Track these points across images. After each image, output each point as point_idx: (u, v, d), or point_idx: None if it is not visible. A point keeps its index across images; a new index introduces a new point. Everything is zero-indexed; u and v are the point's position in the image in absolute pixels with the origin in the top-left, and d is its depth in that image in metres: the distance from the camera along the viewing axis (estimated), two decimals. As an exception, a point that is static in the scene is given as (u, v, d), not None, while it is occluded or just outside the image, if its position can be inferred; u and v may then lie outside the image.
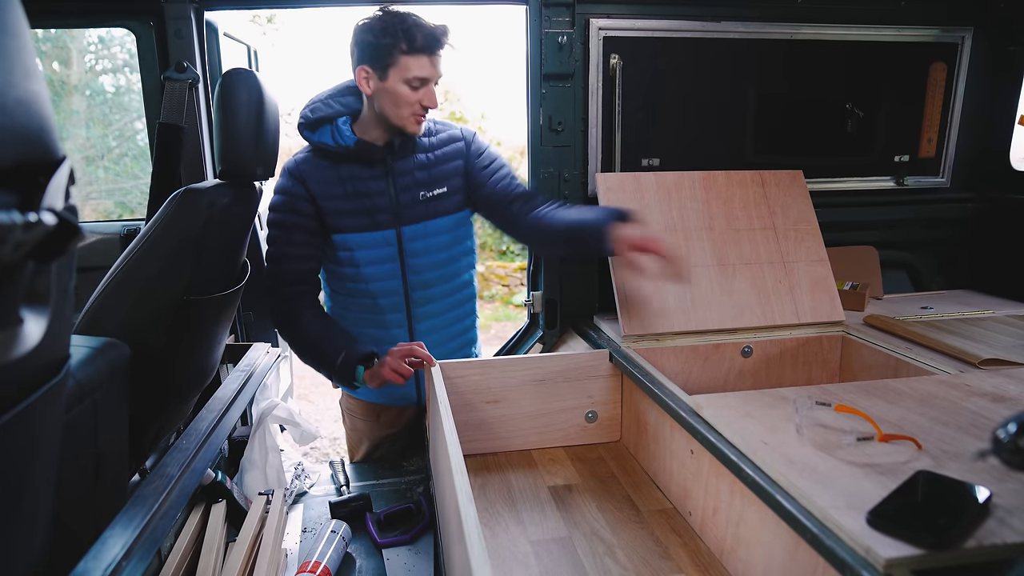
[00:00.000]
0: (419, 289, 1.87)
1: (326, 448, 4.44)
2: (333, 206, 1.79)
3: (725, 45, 2.12)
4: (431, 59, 1.66)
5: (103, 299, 1.51)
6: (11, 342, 0.56)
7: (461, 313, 1.99)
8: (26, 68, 0.57)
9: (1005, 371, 1.47)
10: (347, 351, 1.68)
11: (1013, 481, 0.96)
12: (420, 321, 1.91)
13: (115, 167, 7.58)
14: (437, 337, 1.92)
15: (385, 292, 1.86)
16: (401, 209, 1.81)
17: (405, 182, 1.81)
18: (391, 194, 1.80)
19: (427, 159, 1.84)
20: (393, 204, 1.81)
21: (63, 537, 1.18)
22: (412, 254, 1.84)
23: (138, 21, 2.08)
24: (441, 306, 1.93)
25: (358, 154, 1.77)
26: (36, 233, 0.51)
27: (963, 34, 2.25)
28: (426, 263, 1.86)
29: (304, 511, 1.73)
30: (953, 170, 2.38)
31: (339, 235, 1.81)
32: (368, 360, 1.68)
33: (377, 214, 1.80)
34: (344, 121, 1.78)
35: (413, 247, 1.84)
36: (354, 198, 1.79)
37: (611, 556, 1.29)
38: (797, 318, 1.90)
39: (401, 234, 1.82)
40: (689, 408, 1.36)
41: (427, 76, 1.67)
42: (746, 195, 2.01)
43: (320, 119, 1.79)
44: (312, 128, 1.80)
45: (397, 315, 1.88)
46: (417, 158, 1.83)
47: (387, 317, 1.88)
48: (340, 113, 1.80)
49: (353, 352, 1.67)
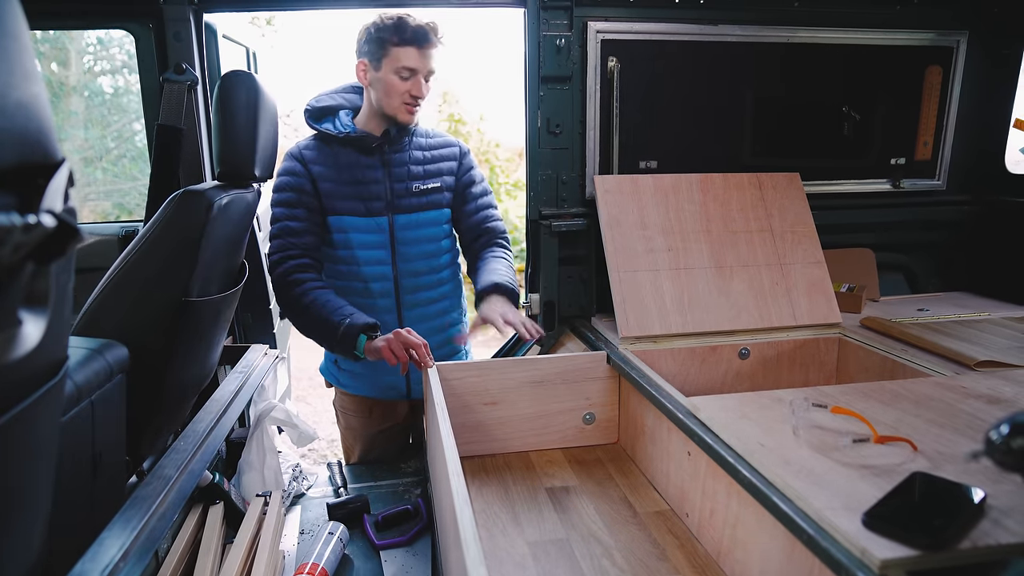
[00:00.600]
0: (408, 277, 1.95)
1: (324, 450, 4.43)
2: (330, 188, 1.89)
3: (722, 48, 2.13)
4: (419, 51, 1.79)
5: (101, 300, 1.51)
6: (10, 344, 0.56)
7: (448, 305, 2.06)
8: (25, 70, 0.57)
9: (1000, 373, 1.48)
10: (351, 319, 1.73)
11: (1007, 482, 0.96)
12: (409, 308, 1.97)
13: (113, 168, 7.57)
14: (426, 326, 1.95)
15: (376, 277, 1.93)
16: (395, 198, 1.91)
17: (400, 173, 1.92)
18: (386, 183, 1.91)
19: (423, 156, 1.96)
20: (388, 193, 1.91)
21: (61, 538, 1.18)
22: (403, 242, 1.93)
23: (137, 23, 2.08)
24: (431, 295, 2.00)
25: (356, 141, 1.89)
26: (35, 235, 0.51)
27: (958, 38, 2.26)
28: (416, 252, 1.95)
29: (302, 513, 1.73)
30: (949, 173, 2.38)
31: (335, 217, 1.90)
32: (371, 330, 1.73)
33: (372, 201, 1.90)
34: (346, 113, 1.94)
35: (404, 235, 1.93)
36: (351, 184, 1.89)
37: (608, 558, 1.29)
38: (794, 320, 1.91)
39: (394, 222, 1.91)
40: (686, 410, 1.36)
41: (415, 67, 1.80)
42: (743, 197, 2.02)
43: (325, 108, 1.95)
44: (317, 117, 1.95)
45: (387, 300, 1.95)
46: (413, 153, 1.95)
47: (378, 302, 1.95)
48: (343, 106, 1.96)
49: (356, 321, 1.73)
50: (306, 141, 1.94)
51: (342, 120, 1.91)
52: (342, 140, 1.89)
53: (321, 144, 1.92)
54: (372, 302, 1.94)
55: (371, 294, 1.94)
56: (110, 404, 1.36)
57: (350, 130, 1.88)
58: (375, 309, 1.94)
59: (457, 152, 2.02)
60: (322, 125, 1.91)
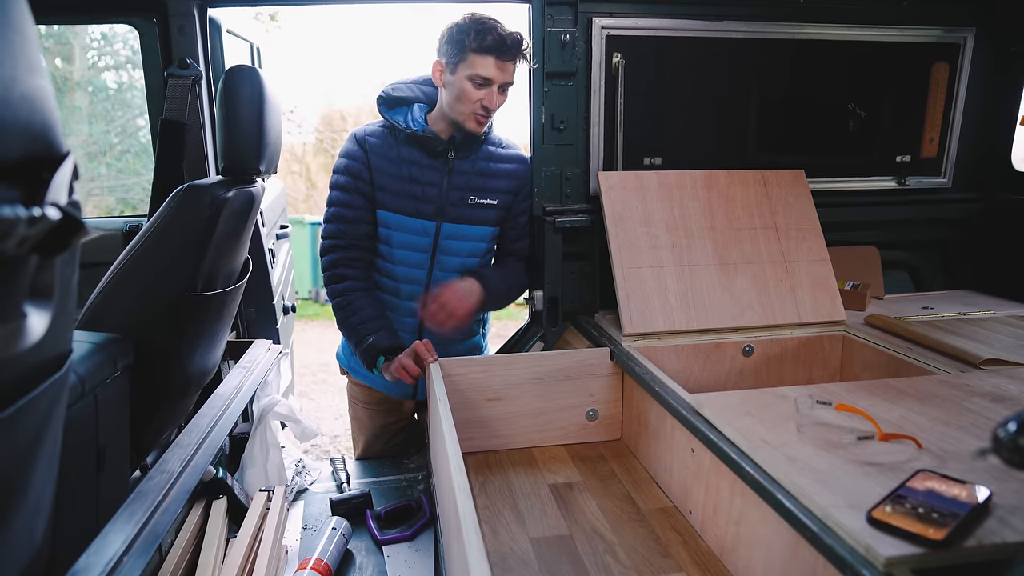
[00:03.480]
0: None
1: (327, 445, 4.44)
2: (384, 182, 1.86)
3: (728, 44, 2.12)
4: (497, 62, 1.71)
5: (105, 295, 1.51)
6: (15, 336, 0.57)
7: (473, 318, 2.01)
8: (31, 64, 0.57)
9: (1006, 371, 1.47)
10: (376, 337, 1.74)
11: (1013, 480, 0.96)
12: None
13: (117, 163, 7.59)
14: (445, 337, 1.94)
15: (409, 279, 1.91)
16: (447, 206, 1.87)
17: (459, 182, 1.88)
18: (442, 188, 1.87)
19: (488, 167, 1.91)
20: (441, 198, 1.87)
21: (64, 532, 1.18)
22: (444, 251, 1.90)
23: (142, 18, 2.08)
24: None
25: (422, 141, 1.84)
26: (40, 228, 0.51)
27: (965, 35, 2.25)
28: (455, 263, 1.91)
29: (305, 508, 1.74)
30: (955, 170, 2.37)
31: (382, 211, 1.88)
32: (392, 352, 1.73)
33: (423, 203, 1.86)
34: (421, 108, 1.88)
35: (448, 245, 1.89)
36: (406, 181, 1.85)
37: (611, 554, 1.29)
38: (798, 317, 1.90)
39: (440, 229, 1.88)
40: (690, 407, 1.36)
41: (490, 76, 1.72)
42: (748, 194, 2.01)
43: (399, 99, 1.89)
44: (389, 106, 1.89)
45: (413, 304, 1.93)
46: (479, 163, 1.90)
47: (404, 304, 1.93)
48: (419, 99, 1.90)
49: (380, 341, 1.74)
50: (373, 127, 1.90)
51: (415, 115, 1.86)
52: (409, 136, 1.84)
53: (387, 134, 1.87)
54: (399, 302, 1.93)
55: (400, 294, 1.93)
56: (114, 398, 1.36)
57: (418, 128, 1.83)
58: (400, 310, 1.94)
59: (523, 173, 1.97)
60: (393, 116, 1.86)
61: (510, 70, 1.75)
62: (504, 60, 1.72)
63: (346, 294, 1.84)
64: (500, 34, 1.69)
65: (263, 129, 1.65)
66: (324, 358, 5.91)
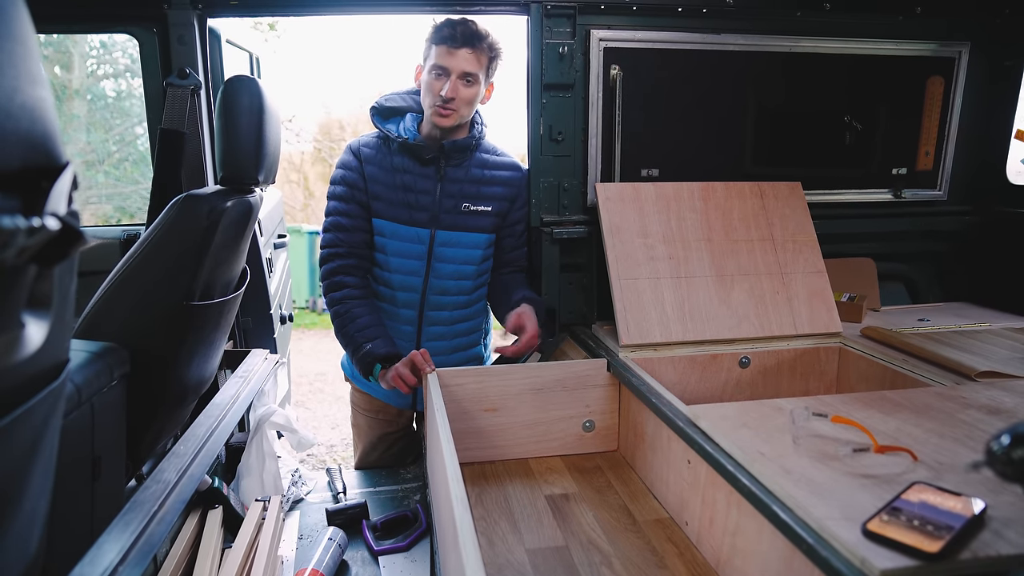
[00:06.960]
0: (436, 294, 1.93)
1: (323, 455, 4.43)
2: (379, 191, 1.88)
3: (725, 57, 2.14)
4: (449, 48, 1.75)
5: (102, 304, 1.51)
6: (13, 346, 0.57)
7: (470, 327, 2.03)
8: (31, 73, 0.57)
9: (1001, 383, 1.48)
10: (373, 345, 1.75)
11: (1008, 493, 0.96)
12: (430, 325, 1.96)
13: (115, 172, 7.59)
14: (443, 345, 1.94)
15: (405, 287, 1.92)
16: (441, 213, 1.89)
17: (452, 189, 1.89)
18: (436, 196, 1.89)
19: (482, 175, 1.92)
20: (435, 206, 1.89)
21: (59, 541, 1.18)
22: (439, 258, 1.91)
23: (141, 27, 2.09)
24: (453, 316, 1.98)
25: (413, 149, 1.87)
26: (39, 238, 0.52)
27: (960, 49, 2.26)
28: (450, 270, 1.92)
29: (301, 518, 1.73)
30: (950, 183, 2.39)
31: (378, 220, 1.90)
32: (388, 361, 1.74)
33: (417, 211, 1.88)
34: (413, 117, 1.91)
35: (443, 252, 1.91)
36: (400, 190, 1.88)
37: (607, 565, 1.29)
38: (795, 329, 1.91)
39: (435, 236, 1.89)
40: (686, 418, 1.36)
41: (445, 65, 1.76)
42: (745, 206, 2.02)
43: (392, 108, 1.93)
44: (383, 116, 1.93)
45: (410, 311, 1.94)
46: (472, 171, 1.91)
47: (401, 311, 1.94)
48: (412, 108, 1.93)
49: (376, 349, 1.75)
50: (368, 137, 1.94)
51: (407, 124, 1.89)
52: (401, 144, 1.87)
53: (381, 144, 1.91)
54: (395, 310, 1.94)
55: (396, 302, 1.94)
56: (110, 407, 1.36)
57: (410, 136, 1.86)
58: (397, 317, 1.94)
59: (517, 180, 1.99)
60: (386, 125, 1.89)
61: (463, 57, 1.76)
62: (454, 47, 1.75)
63: (344, 302, 1.85)
64: (452, 22, 1.75)
65: (262, 139, 1.66)
66: (321, 367, 5.90)
